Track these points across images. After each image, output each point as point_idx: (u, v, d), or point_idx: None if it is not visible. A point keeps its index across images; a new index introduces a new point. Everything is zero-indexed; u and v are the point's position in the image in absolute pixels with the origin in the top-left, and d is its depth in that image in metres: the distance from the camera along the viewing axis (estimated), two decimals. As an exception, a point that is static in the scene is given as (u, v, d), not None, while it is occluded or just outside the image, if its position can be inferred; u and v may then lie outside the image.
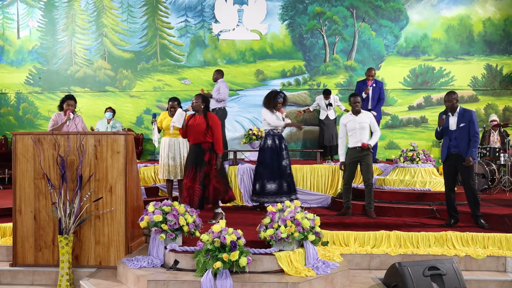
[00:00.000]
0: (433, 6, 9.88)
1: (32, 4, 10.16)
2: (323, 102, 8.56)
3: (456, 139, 5.34)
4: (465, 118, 5.32)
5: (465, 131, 5.29)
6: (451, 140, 5.38)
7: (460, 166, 5.33)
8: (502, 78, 9.85)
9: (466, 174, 5.33)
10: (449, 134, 5.39)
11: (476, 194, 5.38)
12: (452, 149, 5.38)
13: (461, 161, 5.30)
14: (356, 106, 6.02)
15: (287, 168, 6.34)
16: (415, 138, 9.65)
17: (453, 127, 5.37)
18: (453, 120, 5.38)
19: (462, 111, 5.37)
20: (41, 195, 4.59)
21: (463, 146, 5.30)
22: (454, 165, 5.40)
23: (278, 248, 4.15)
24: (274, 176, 6.28)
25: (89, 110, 9.66)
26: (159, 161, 6.34)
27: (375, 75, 7.87)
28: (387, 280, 4.17)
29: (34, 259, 4.61)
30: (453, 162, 5.39)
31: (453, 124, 5.38)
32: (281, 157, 6.30)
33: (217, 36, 9.99)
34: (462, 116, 5.34)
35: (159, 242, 4.29)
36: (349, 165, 6.06)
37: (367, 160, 5.95)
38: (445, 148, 5.44)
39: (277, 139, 6.33)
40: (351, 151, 6.04)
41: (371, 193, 5.99)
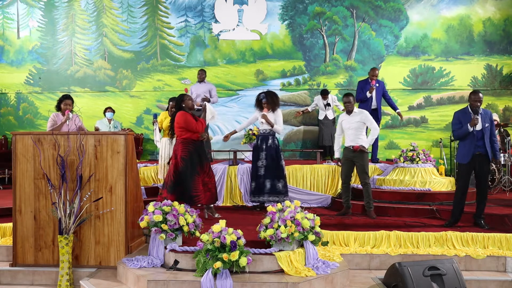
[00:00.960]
0: (433, 6, 9.88)
1: (32, 4, 10.17)
2: (321, 102, 8.56)
3: (482, 139, 5.26)
4: (487, 118, 5.29)
5: (489, 132, 5.27)
6: (477, 141, 5.27)
7: (482, 166, 5.28)
8: (502, 78, 9.85)
9: (485, 175, 5.31)
10: (475, 134, 5.27)
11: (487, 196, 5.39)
12: (477, 149, 5.28)
13: (484, 161, 5.27)
14: (347, 106, 6.03)
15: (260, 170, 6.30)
16: (415, 138, 9.66)
17: (479, 127, 5.28)
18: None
19: (483, 112, 5.31)
20: (41, 195, 4.59)
21: (488, 147, 5.26)
22: (474, 166, 5.32)
23: (278, 248, 4.15)
24: (252, 176, 6.42)
25: (89, 110, 9.66)
26: (159, 161, 6.35)
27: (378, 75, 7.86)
28: (387, 280, 4.16)
29: (34, 259, 4.61)
30: (475, 163, 5.30)
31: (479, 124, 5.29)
32: (256, 157, 6.34)
33: (217, 36, 9.99)
34: (485, 116, 5.29)
35: (159, 242, 4.29)
36: (344, 164, 6.08)
37: (360, 160, 5.95)
38: (470, 148, 5.30)
39: (260, 139, 6.37)
40: (346, 150, 6.07)
41: (369, 193, 5.98)
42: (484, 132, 5.26)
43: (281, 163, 6.35)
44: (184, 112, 5.67)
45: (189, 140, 5.63)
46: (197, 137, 5.66)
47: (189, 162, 5.56)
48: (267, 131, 6.34)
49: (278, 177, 6.27)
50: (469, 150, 5.31)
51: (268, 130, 6.34)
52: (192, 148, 5.63)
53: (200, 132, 5.66)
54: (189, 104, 5.71)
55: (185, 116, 5.63)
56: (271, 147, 6.32)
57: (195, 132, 5.64)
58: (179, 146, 5.63)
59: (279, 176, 6.29)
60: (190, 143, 5.63)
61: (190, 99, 5.78)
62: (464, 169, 5.41)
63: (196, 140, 5.66)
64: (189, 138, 5.62)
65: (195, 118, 5.73)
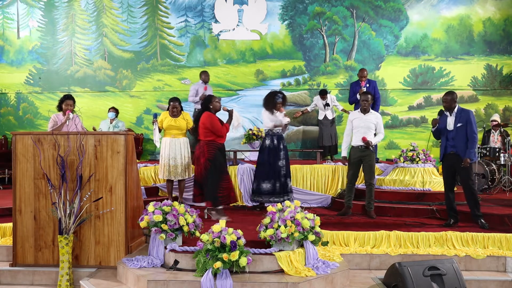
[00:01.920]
0: (433, 6, 9.88)
1: (32, 4, 10.17)
2: (320, 102, 8.56)
3: (453, 139, 5.32)
4: (463, 118, 5.30)
5: (463, 131, 5.27)
6: (448, 140, 5.38)
7: (458, 166, 5.33)
8: (502, 78, 9.85)
9: (465, 175, 5.32)
10: (447, 134, 5.39)
11: (475, 194, 5.37)
12: (449, 149, 5.37)
13: (459, 161, 5.29)
14: (364, 104, 5.98)
15: (282, 169, 6.31)
16: (415, 138, 9.65)
17: (451, 127, 5.37)
18: (450, 120, 5.38)
19: (459, 111, 5.35)
20: (41, 195, 4.59)
21: (460, 146, 5.28)
22: (452, 165, 5.39)
23: (278, 248, 4.15)
24: (269, 176, 6.29)
25: (89, 110, 9.67)
26: (160, 161, 6.34)
27: (367, 75, 7.89)
28: (387, 280, 4.17)
29: (34, 259, 4.61)
30: (451, 162, 5.38)
31: (450, 123, 5.37)
32: (277, 157, 6.30)
33: (217, 36, 9.99)
34: (459, 116, 5.32)
35: (159, 242, 4.29)
36: (352, 164, 6.05)
37: (369, 160, 5.94)
38: (443, 148, 5.44)
39: (276, 139, 6.34)
40: (354, 149, 6.02)
41: (371, 193, 5.98)
42: (456, 132, 5.30)
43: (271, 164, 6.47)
44: (211, 114, 5.65)
45: (214, 142, 5.62)
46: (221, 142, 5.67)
47: (215, 164, 5.56)
48: (280, 131, 6.38)
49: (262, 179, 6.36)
50: (442, 149, 5.45)
51: (280, 130, 6.38)
52: (217, 149, 5.62)
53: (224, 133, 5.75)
54: (217, 106, 5.70)
55: (211, 118, 5.60)
56: (286, 147, 6.47)
57: (219, 136, 5.61)
58: (205, 147, 5.61)
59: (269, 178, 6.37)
60: (216, 145, 5.63)
61: (218, 101, 5.75)
62: (443, 168, 5.53)
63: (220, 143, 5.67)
64: (214, 141, 5.62)
65: (221, 122, 5.71)
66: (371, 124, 5.95)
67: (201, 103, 5.97)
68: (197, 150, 5.76)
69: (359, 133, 5.94)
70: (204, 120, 5.61)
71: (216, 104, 5.71)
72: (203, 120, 5.62)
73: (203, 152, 5.62)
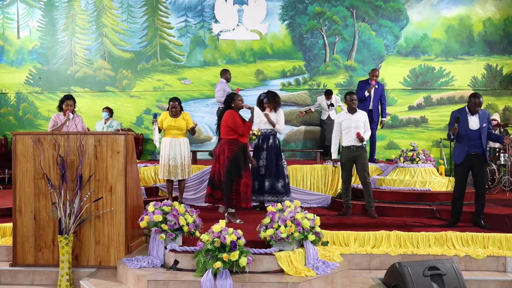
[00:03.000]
0: (433, 6, 9.88)
1: (32, 4, 10.17)
2: (325, 102, 8.56)
3: (479, 139, 5.20)
4: (485, 118, 5.23)
5: (486, 132, 5.21)
6: (472, 140, 5.21)
7: (478, 166, 5.24)
8: (502, 78, 9.85)
9: (482, 175, 5.26)
10: (470, 134, 5.22)
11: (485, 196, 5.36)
12: (472, 149, 5.22)
13: (479, 161, 5.22)
14: (352, 104, 6.02)
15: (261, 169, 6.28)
16: (415, 138, 9.65)
17: (475, 127, 5.22)
18: (474, 120, 5.24)
19: (481, 112, 5.25)
20: (41, 195, 4.59)
21: (483, 146, 5.20)
22: (472, 165, 5.26)
23: (278, 248, 4.15)
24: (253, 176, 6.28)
25: (89, 110, 9.66)
26: (160, 161, 6.33)
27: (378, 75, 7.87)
28: (387, 280, 4.17)
29: (34, 259, 4.61)
30: (471, 163, 5.25)
31: (474, 124, 5.22)
32: (259, 157, 6.32)
33: (217, 36, 9.99)
34: (482, 116, 5.23)
35: (159, 242, 4.29)
36: (345, 164, 6.07)
37: (361, 159, 5.95)
38: (464, 148, 5.25)
39: (261, 139, 6.37)
40: (346, 150, 6.03)
41: (369, 192, 5.98)
42: (482, 132, 5.20)
43: (281, 163, 6.35)
44: (233, 112, 5.58)
45: (236, 140, 5.55)
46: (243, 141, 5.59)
47: (234, 163, 5.48)
48: (268, 131, 6.35)
49: (277, 177, 6.28)
50: (463, 150, 5.27)
51: (269, 129, 6.36)
52: (238, 148, 5.53)
53: (251, 160, 5.72)
54: (239, 104, 5.65)
55: (233, 116, 5.53)
56: (271, 146, 6.33)
57: (241, 135, 5.55)
58: (226, 145, 5.53)
59: (279, 176, 6.29)
60: (237, 143, 5.55)
61: (241, 99, 5.71)
62: (459, 169, 5.36)
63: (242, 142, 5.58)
64: (236, 139, 5.55)
65: (243, 121, 5.64)
66: (360, 123, 5.96)
67: (224, 101, 5.94)
68: (217, 148, 5.67)
69: (350, 133, 5.96)
70: (226, 118, 5.55)
71: (238, 102, 5.65)
72: (225, 118, 5.57)
73: (223, 150, 5.53)
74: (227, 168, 5.44)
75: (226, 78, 8.09)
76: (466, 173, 5.35)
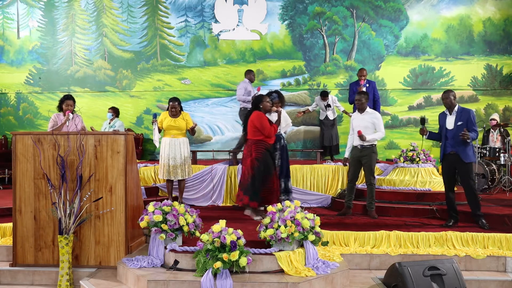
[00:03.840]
0: (433, 6, 9.88)
1: (32, 4, 10.17)
2: (322, 103, 8.56)
3: (453, 138, 5.25)
4: (463, 117, 5.25)
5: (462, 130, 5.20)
6: (448, 139, 5.31)
7: (459, 166, 5.29)
8: (502, 78, 9.85)
9: (465, 174, 5.29)
10: (447, 133, 5.32)
11: (476, 194, 5.36)
12: (449, 148, 5.30)
13: (459, 161, 5.25)
14: (358, 104, 6.01)
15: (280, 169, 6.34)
16: (415, 138, 9.62)
17: (451, 126, 5.30)
18: (450, 119, 5.32)
19: (460, 110, 5.31)
20: (41, 195, 4.59)
21: (460, 146, 5.22)
22: (453, 165, 5.34)
23: (278, 248, 4.15)
24: None
25: (89, 110, 9.67)
26: (160, 161, 6.33)
27: (367, 75, 7.89)
28: (387, 280, 4.17)
29: (34, 259, 4.61)
30: (451, 162, 5.33)
31: (450, 123, 5.31)
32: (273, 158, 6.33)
33: (217, 36, 9.99)
34: (460, 115, 5.28)
35: (159, 242, 4.29)
36: (352, 164, 6.07)
37: (368, 159, 5.94)
38: (442, 147, 5.38)
39: None
40: (354, 149, 6.04)
41: (372, 193, 5.98)
42: (457, 130, 5.22)
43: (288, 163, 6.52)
44: (261, 113, 5.64)
45: (263, 142, 5.61)
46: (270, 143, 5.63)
47: (262, 164, 5.54)
48: (278, 132, 6.36)
49: (288, 177, 6.45)
50: (442, 149, 5.38)
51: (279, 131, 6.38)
52: (265, 149, 5.60)
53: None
54: (267, 106, 5.68)
55: (260, 117, 5.58)
56: (283, 147, 6.46)
57: (268, 136, 5.59)
58: (253, 146, 5.60)
59: (289, 176, 6.47)
60: (264, 145, 5.61)
61: (269, 101, 5.74)
62: (443, 168, 5.47)
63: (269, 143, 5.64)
64: (263, 141, 5.61)
65: (270, 122, 5.68)
66: (368, 123, 5.94)
67: (252, 102, 5.95)
68: (245, 149, 5.77)
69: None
70: (254, 118, 5.60)
71: (266, 104, 5.69)
72: (252, 119, 5.61)
73: (250, 152, 5.60)
74: (255, 168, 5.53)
75: (250, 78, 8.14)
76: (449, 172, 5.38)
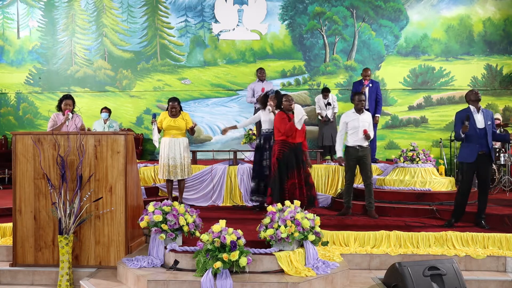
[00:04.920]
0: (433, 6, 9.88)
1: (32, 4, 10.17)
2: (322, 101, 8.55)
3: (484, 137, 5.11)
4: (489, 116, 5.18)
5: (491, 130, 5.14)
6: (480, 139, 5.12)
7: (483, 166, 5.18)
8: (502, 78, 9.85)
9: (487, 175, 5.24)
10: (477, 133, 5.12)
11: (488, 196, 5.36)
12: (481, 148, 5.13)
13: (485, 161, 5.17)
14: (360, 104, 5.98)
15: (265, 169, 6.23)
16: (415, 138, 9.65)
17: (481, 125, 5.12)
18: (479, 118, 5.16)
19: (485, 110, 5.20)
20: (41, 195, 4.59)
21: (490, 146, 5.13)
22: (478, 165, 5.18)
23: (278, 248, 4.15)
24: (255, 176, 6.32)
25: (89, 110, 9.66)
26: (159, 161, 6.34)
27: (371, 75, 7.89)
28: (387, 280, 4.17)
29: (34, 259, 4.61)
30: (478, 162, 5.17)
31: (480, 122, 5.13)
32: (262, 157, 6.29)
33: (217, 36, 9.99)
34: (486, 114, 5.17)
35: (159, 242, 4.29)
36: (349, 164, 6.03)
37: (366, 159, 5.94)
38: (474, 147, 5.14)
39: (262, 139, 6.34)
40: (351, 150, 5.99)
41: (371, 193, 5.98)
42: (487, 130, 5.14)
43: None
44: (281, 113, 5.67)
45: (285, 141, 5.62)
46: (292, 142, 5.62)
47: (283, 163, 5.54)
48: (269, 131, 6.33)
49: None
50: (473, 149, 5.16)
51: (270, 129, 6.31)
52: (287, 149, 5.58)
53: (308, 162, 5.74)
54: (286, 106, 5.69)
55: (280, 117, 5.64)
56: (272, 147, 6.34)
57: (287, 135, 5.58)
58: (276, 146, 5.67)
59: None
60: (286, 144, 5.61)
61: (287, 100, 5.74)
62: (467, 169, 5.26)
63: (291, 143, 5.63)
64: (285, 140, 5.62)
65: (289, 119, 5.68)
66: (366, 124, 5.95)
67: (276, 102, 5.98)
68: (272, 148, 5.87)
69: (357, 133, 5.91)
70: (276, 118, 5.71)
71: (285, 103, 5.69)
72: (275, 118, 5.72)
73: (274, 152, 5.69)
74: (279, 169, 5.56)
75: (258, 77, 8.17)
76: (473, 173, 5.28)
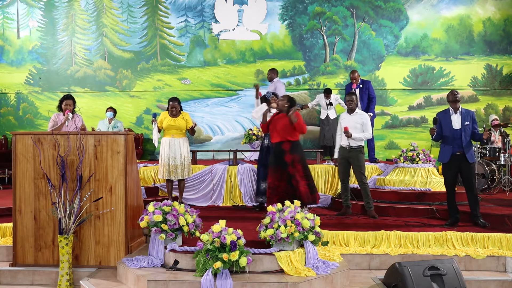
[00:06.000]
0: (433, 6, 9.88)
1: (32, 4, 10.17)
2: (324, 101, 8.55)
3: (460, 138, 5.21)
4: (468, 117, 5.24)
5: (469, 131, 5.20)
6: (456, 139, 5.23)
7: (464, 166, 5.25)
8: (502, 78, 9.85)
9: (469, 174, 5.27)
10: (453, 133, 5.24)
11: (477, 194, 5.37)
12: (457, 149, 5.23)
13: (465, 161, 5.23)
14: (349, 104, 6.04)
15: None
16: (415, 138, 9.64)
17: (457, 125, 5.23)
18: (456, 119, 5.26)
19: (464, 110, 5.30)
20: (41, 195, 4.59)
21: (467, 147, 5.20)
22: (457, 165, 5.28)
23: (278, 248, 4.15)
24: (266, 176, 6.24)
25: (89, 110, 9.67)
26: (159, 161, 6.33)
27: (359, 77, 7.89)
28: (387, 280, 4.17)
29: (34, 259, 4.61)
30: (456, 162, 5.27)
31: (457, 122, 5.24)
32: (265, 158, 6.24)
33: (217, 36, 9.99)
34: (465, 115, 5.25)
35: (159, 242, 4.29)
36: (340, 164, 6.08)
37: (356, 159, 5.93)
38: (449, 148, 5.28)
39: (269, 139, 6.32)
40: (341, 149, 6.06)
41: (367, 193, 5.97)
42: (463, 131, 5.20)
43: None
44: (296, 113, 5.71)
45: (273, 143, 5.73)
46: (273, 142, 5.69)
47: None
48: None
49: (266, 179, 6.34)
50: (448, 150, 5.29)
51: None
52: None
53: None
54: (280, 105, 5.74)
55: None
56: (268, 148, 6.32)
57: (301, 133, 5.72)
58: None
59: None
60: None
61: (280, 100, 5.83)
62: (445, 168, 5.40)
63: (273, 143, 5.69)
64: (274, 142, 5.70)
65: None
66: (356, 124, 5.95)
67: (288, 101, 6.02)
68: None
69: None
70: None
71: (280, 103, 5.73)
72: None
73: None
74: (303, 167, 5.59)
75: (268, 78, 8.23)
76: (453, 173, 5.35)
